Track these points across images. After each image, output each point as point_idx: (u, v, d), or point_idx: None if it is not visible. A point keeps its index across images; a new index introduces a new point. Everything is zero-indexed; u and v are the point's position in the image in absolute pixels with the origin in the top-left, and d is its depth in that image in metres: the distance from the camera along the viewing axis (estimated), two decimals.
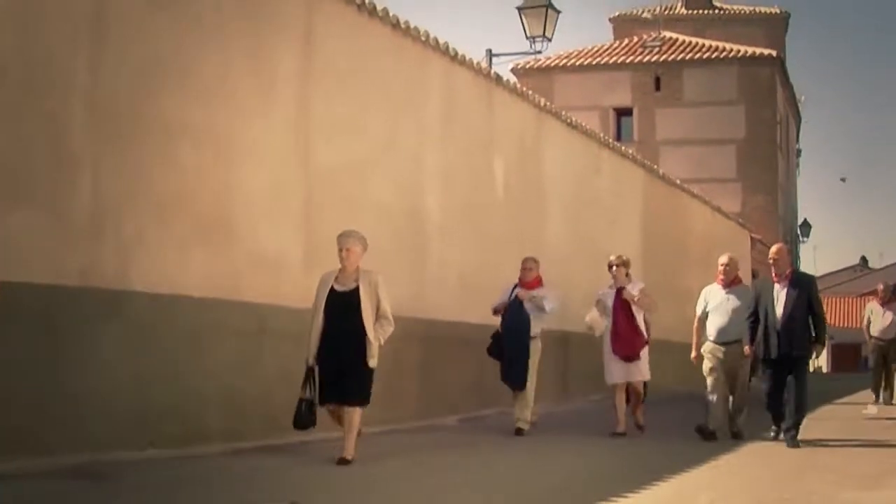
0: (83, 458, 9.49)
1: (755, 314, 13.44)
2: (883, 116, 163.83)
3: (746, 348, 13.51)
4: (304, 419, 10.65)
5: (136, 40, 10.88)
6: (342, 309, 10.67)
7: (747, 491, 9.82)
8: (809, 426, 13.84)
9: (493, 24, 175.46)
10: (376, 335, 10.71)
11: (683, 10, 52.44)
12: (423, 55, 16.24)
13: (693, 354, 14.30)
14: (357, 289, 10.75)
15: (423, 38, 16.10)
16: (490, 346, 14.40)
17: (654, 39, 45.13)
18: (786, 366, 13.23)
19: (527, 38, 23.19)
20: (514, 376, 14.13)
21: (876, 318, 21.96)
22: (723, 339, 13.96)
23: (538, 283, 14.47)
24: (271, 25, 12.90)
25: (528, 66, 43.12)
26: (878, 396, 21.56)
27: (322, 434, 11.21)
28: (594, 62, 44.96)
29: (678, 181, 29.87)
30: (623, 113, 44.70)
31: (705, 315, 14.27)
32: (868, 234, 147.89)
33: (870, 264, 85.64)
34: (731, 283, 14.28)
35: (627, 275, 14.63)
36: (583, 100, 42.10)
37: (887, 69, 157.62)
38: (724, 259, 14.42)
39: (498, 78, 18.96)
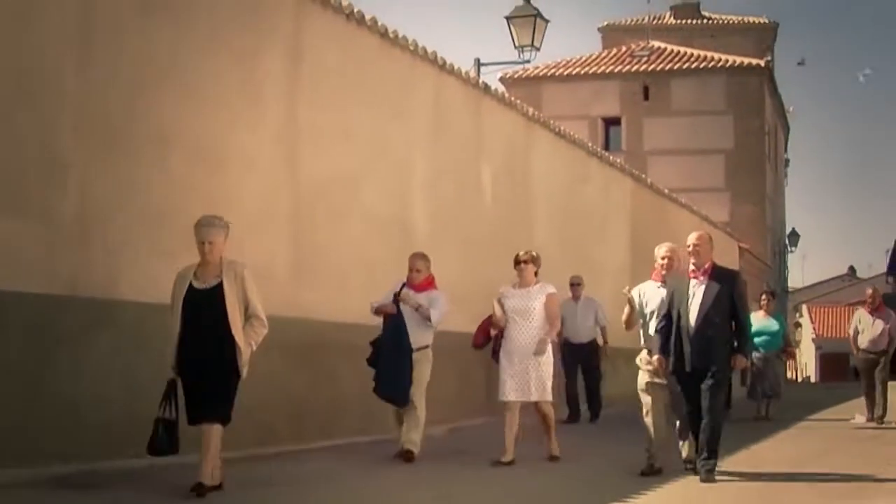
0: (73, 468, 9.48)
1: (668, 317, 10.99)
2: (871, 127, 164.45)
3: (655, 359, 11.08)
4: (160, 444, 9.09)
5: (125, 48, 10.88)
6: (203, 309, 9.03)
7: None
8: (792, 438, 13.82)
9: (481, 34, 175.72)
10: (246, 340, 9.13)
11: (672, 20, 52.62)
12: (411, 64, 16.26)
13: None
14: (220, 285, 9.12)
15: (411, 48, 16.13)
16: (371, 356, 12.24)
17: (642, 49, 45.27)
18: (700, 382, 10.72)
19: (515, 47, 23.19)
20: (391, 390, 12.00)
21: (864, 327, 19.17)
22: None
23: (429, 285, 12.38)
24: (260, 34, 12.92)
25: (516, 76, 43.20)
26: (872, 413, 18.87)
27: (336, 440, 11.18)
28: (582, 72, 45.08)
29: (666, 190, 29.91)
30: (611, 122, 44.81)
31: (642, 317, 11.69)
32: (856, 244, 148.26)
33: (858, 274, 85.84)
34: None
35: (536, 273, 12.30)
36: (571, 109, 42.18)
37: (876, 80, 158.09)
38: (663, 251, 11.66)
39: (486, 87, 18.99)
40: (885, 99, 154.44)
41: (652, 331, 11.29)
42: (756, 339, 18.90)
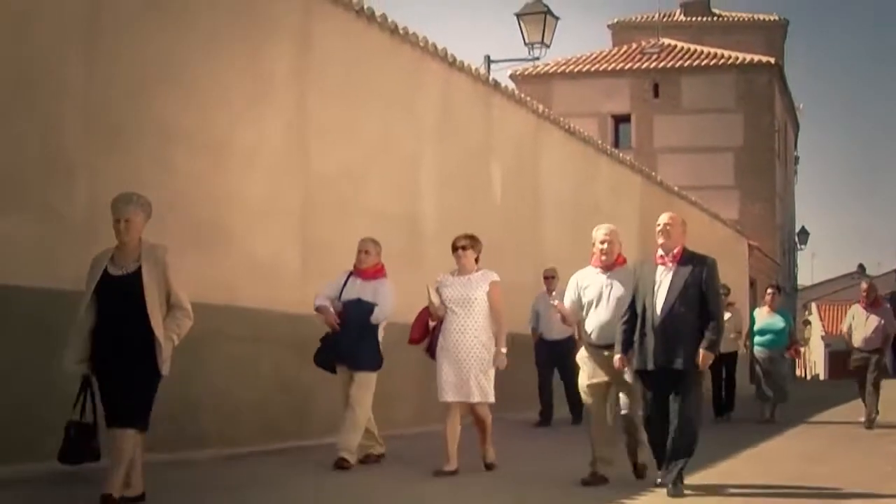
0: (76, 465, 9.44)
1: (632, 309, 9.77)
2: (881, 124, 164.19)
3: (617, 358, 9.76)
4: (73, 450, 8.20)
5: (130, 44, 10.85)
6: (119, 298, 7.99)
7: None
8: (799, 435, 13.69)
9: (491, 31, 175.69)
10: (167, 333, 8.09)
11: (682, 17, 52.52)
12: (420, 61, 16.22)
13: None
14: (139, 271, 8.06)
15: (420, 44, 16.09)
16: (317, 353, 11.28)
17: (652, 46, 45.20)
18: (667, 382, 9.50)
19: (525, 44, 23.15)
20: (347, 355, 10.98)
21: (859, 324, 17.80)
22: (605, 342, 10.08)
23: (378, 272, 11.29)
24: (268, 30, 12.88)
25: (526, 73, 43.13)
26: (874, 415, 17.57)
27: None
28: (592, 69, 45.02)
29: (676, 188, 29.87)
30: (621, 120, 44.76)
31: (581, 308, 10.42)
32: (866, 242, 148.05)
33: (867, 272, 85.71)
34: (612, 264, 10.38)
35: (477, 259, 10.91)
36: (581, 106, 42.12)
37: (885, 77, 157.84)
38: (602, 233, 10.42)
39: (496, 84, 18.96)
40: None
41: (593, 324, 10.17)
42: (759, 338, 18.83)
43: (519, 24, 23.15)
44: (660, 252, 9.78)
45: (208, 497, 9.12)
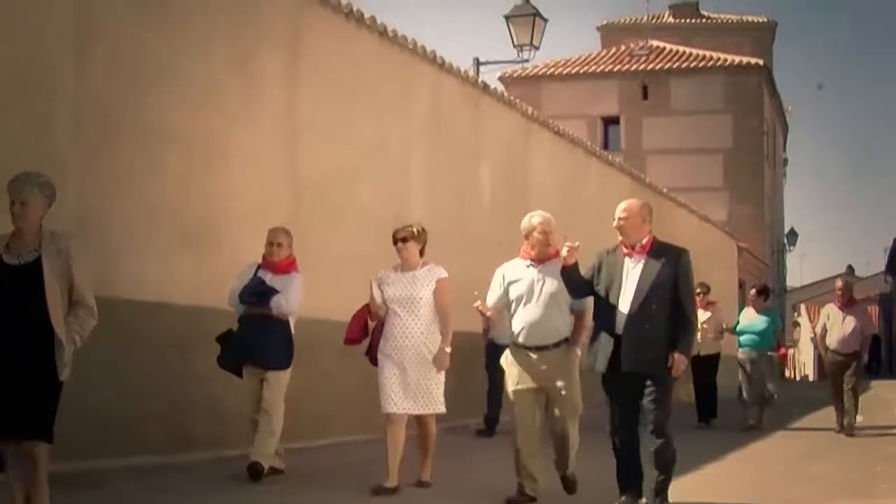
0: (67, 467, 9.44)
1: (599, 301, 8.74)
2: (869, 125, 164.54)
3: (578, 351, 9.09)
4: None
5: (122, 45, 10.87)
6: (13, 291, 6.92)
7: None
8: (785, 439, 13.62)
9: (480, 33, 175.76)
10: (69, 333, 7.01)
11: (671, 19, 52.59)
12: (410, 63, 16.25)
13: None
14: (38, 261, 7.05)
15: (410, 47, 16.12)
16: (221, 354, 10.37)
17: (641, 48, 45.26)
18: (636, 388, 8.48)
19: (514, 46, 23.18)
20: (256, 354, 10.08)
21: (834, 325, 16.62)
22: (536, 342, 9.12)
23: (290, 266, 10.37)
24: (258, 32, 12.90)
25: (515, 75, 43.17)
26: (841, 424, 16.59)
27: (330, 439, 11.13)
28: (581, 71, 45.08)
29: (665, 190, 29.92)
30: (610, 122, 44.83)
31: (507, 306, 9.39)
32: (855, 244, 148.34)
33: (856, 273, 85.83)
34: (545, 257, 9.26)
35: (422, 253, 9.86)
36: (570, 108, 42.16)
37: (873, 79, 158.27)
38: (537, 222, 9.41)
39: (485, 86, 18.99)
40: (885, 97, 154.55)
41: (521, 322, 9.14)
42: (741, 339, 17.85)
43: (508, 27, 23.17)
44: (623, 242, 8.71)
45: None
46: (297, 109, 13.50)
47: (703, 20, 53.07)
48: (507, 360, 9.35)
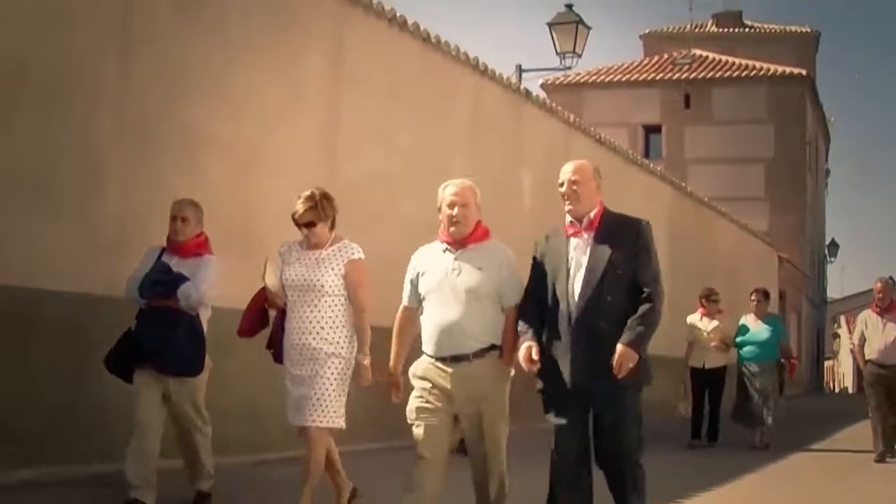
0: (110, 468, 9.49)
1: (534, 300, 6.88)
2: None
3: (523, 351, 6.66)
4: None
5: (164, 52, 10.91)
6: None
7: None
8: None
9: (523, 40, 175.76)
10: None
11: (714, 29, 52.40)
12: (452, 70, 16.25)
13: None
14: None
15: (452, 53, 16.12)
16: (111, 353, 8.39)
17: (684, 57, 45.12)
18: (589, 405, 6.62)
19: (557, 53, 23.16)
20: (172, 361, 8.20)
21: (873, 333, 14.46)
22: (450, 352, 6.88)
23: (200, 247, 8.54)
24: (301, 38, 12.93)
25: (557, 82, 43.13)
26: (886, 448, 14.31)
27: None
28: (624, 79, 45.02)
29: (706, 199, 29.81)
30: (651, 130, 44.74)
31: (417, 306, 7.22)
32: None
33: None
34: (465, 239, 7.21)
35: (332, 228, 7.93)
36: (611, 116, 42.12)
37: None
38: (451, 191, 7.46)
39: (527, 93, 18.97)
40: None
41: (431, 326, 6.96)
42: (743, 351, 16.01)
43: (550, 34, 23.16)
44: (569, 219, 6.94)
45: None
46: (337, 115, 13.51)
47: (747, 29, 52.88)
48: (414, 373, 7.03)
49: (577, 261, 6.72)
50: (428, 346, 6.96)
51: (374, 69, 14.23)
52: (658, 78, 44.86)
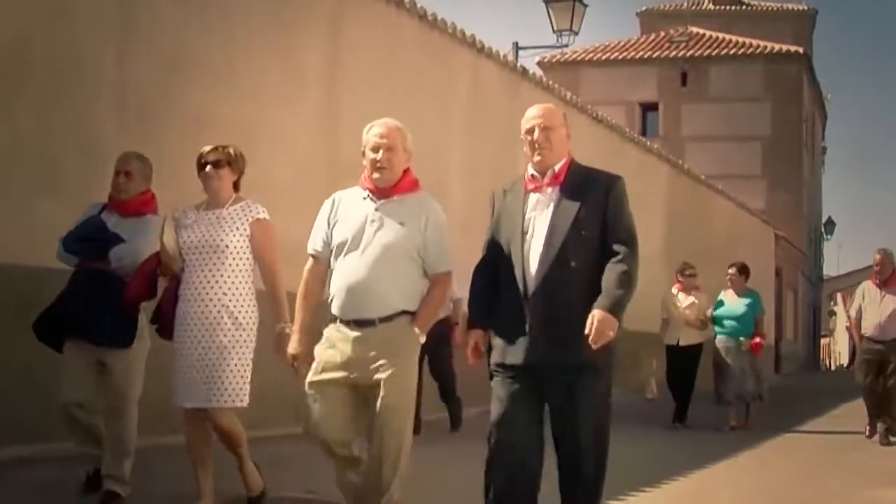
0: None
1: (488, 262, 5.97)
2: None
3: (470, 340, 5.86)
4: None
5: (164, 34, 10.96)
6: None
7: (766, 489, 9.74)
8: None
9: (520, 18, 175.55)
10: None
11: (711, 6, 52.39)
12: (450, 47, 16.29)
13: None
14: None
15: (450, 31, 16.15)
16: (40, 320, 7.59)
17: (680, 35, 45.13)
18: (550, 387, 5.61)
19: (553, 31, 23.19)
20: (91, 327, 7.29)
21: (871, 306, 13.65)
22: (354, 315, 6.10)
23: (147, 205, 7.72)
24: (299, 18, 12.96)
25: (554, 60, 43.11)
26: (874, 428, 13.85)
27: None
28: (620, 57, 45.04)
29: (703, 177, 29.87)
30: (648, 108, 44.77)
31: (327, 260, 6.37)
32: (893, 233, 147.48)
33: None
34: (390, 187, 6.38)
35: (238, 186, 7.26)
36: (608, 94, 42.14)
37: None
38: (376, 133, 6.65)
39: (524, 71, 19.00)
40: None
41: (339, 284, 6.14)
42: (718, 327, 15.31)
43: (547, 11, 23.18)
44: (531, 172, 6.07)
45: None
46: (336, 95, 13.55)
47: (744, 7, 52.87)
48: (320, 349, 6.29)
49: (537, 220, 5.78)
50: (334, 305, 6.16)
51: (372, 49, 14.25)
52: (655, 56, 44.87)
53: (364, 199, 6.32)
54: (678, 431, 14.88)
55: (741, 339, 15.13)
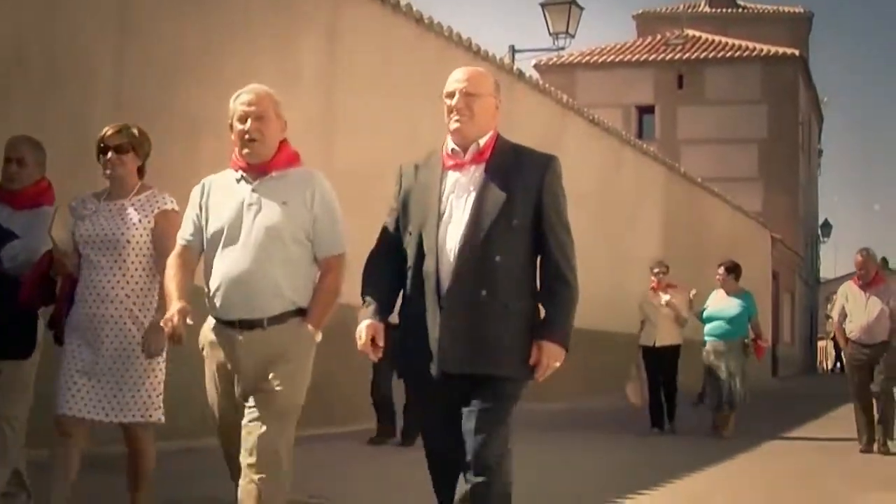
0: (96, 450, 9.49)
1: (390, 248, 5.28)
2: None
3: (362, 332, 4.99)
4: None
5: (160, 34, 10.93)
6: None
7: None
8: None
9: (516, 20, 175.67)
10: None
11: (707, 9, 52.38)
12: (445, 50, 16.26)
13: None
14: None
15: (445, 34, 16.13)
16: None
17: (677, 37, 45.11)
18: (462, 397, 4.76)
19: (550, 34, 23.18)
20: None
21: (855, 309, 12.84)
22: (239, 314, 5.28)
23: (43, 195, 6.83)
24: (296, 21, 12.94)
25: (550, 63, 43.11)
26: (868, 437, 12.74)
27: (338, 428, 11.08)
28: (617, 59, 45.03)
29: (699, 179, 29.86)
30: (645, 111, 44.75)
31: (199, 247, 5.52)
32: (889, 236, 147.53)
33: (891, 265, 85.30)
34: (265, 164, 5.61)
35: (142, 172, 6.54)
36: (605, 97, 42.09)
37: None
38: (243, 101, 5.90)
39: (520, 74, 18.99)
40: None
41: (218, 276, 5.31)
42: (708, 327, 14.57)
43: (543, 14, 23.17)
44: (451, 146, 5.28)
45: None
46: (332, 98, 13.54)
47: (740, 10, 52.87)
48: (203, 341, 5.47)
49: (455, 204, 4.93)
50: (213, 304, 5.28)
51: (367, 52, 14.24)
52: (651, 58, 44.85)
53: (238, 181, 5.47)
54: (674, 436, 14.33)
55: (746, 341, 14.48)
